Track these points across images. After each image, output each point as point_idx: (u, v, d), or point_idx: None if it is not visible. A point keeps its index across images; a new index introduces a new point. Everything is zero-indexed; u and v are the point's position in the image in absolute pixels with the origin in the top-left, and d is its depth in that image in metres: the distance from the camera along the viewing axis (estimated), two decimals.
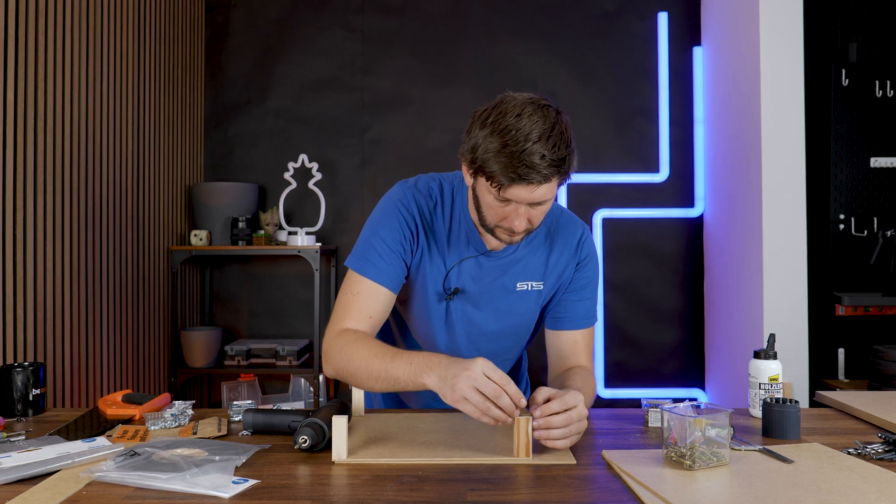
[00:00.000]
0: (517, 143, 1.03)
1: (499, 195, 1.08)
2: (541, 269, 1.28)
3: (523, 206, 1.09)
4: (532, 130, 1.03)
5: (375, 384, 1.12)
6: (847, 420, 1.26)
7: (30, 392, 1.28)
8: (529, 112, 1.05)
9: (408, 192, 1.25)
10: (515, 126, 1.04)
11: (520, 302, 1.28)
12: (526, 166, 1.03)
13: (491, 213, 1.13)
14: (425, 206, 1.25)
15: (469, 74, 3.10)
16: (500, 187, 1.07)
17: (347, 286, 1.22)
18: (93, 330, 2.20)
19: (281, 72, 3.13)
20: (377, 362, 1.11)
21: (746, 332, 2.59)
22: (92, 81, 2.21)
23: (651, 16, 3.08)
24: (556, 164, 1.04)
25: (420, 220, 1.24)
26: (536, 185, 1.05)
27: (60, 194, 2.04)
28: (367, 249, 1.22)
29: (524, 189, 1.06)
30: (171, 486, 0.88)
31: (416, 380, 1.06)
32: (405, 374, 1.07)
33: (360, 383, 1.15)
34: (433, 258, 1.25)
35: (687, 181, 3.07)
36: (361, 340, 1.15)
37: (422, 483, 0.91)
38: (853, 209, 2.55)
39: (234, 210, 2.85)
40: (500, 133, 1.04)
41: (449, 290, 1.26)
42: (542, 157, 1.03)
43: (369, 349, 1.13)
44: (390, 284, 1.21)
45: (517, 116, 1.05)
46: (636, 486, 0.89)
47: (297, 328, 3.13)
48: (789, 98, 2.43)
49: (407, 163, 3.11)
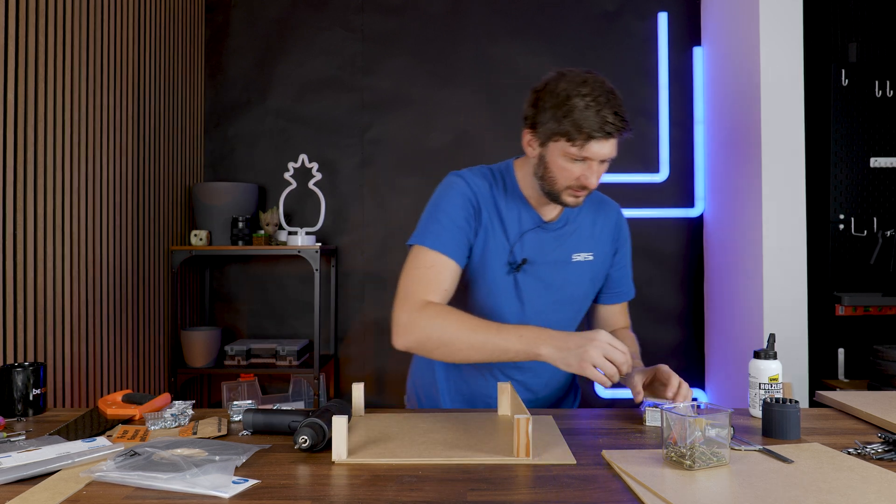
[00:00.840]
0: (595, 105, 1.19)
1: (579, 153, 1.22)
2: (589, 240, 1.41)
3: (596, 163, 1.24)
4: (601, 94, 1.21)
5: (476, 354, 1.19)
6: (847, 420, 1.26)
7: (30, 392, 1.28)
8: (592, 80, 1.23)
9: (463, 175, 1.36)
10: (588, 91, 1.21)
11: (577, 272, 1.39)
12: (606, 122, 1.19)
13: (564, 174, 1.26)
14: (481, 185, 1.35)
15: (469, 74, 3.10)
16: (582, 145, 1.21)
17: (417, 261, 1.29)
18: (93, 330, 2.20)
19: (281, 72, 3.13)
20: (481, 334, 1.18)
21: (746, 332, 2.59)
22: (92, 81, 2.21)
23: (651, 16, 3.08)
24: (624, 120, 1.22)
25: (478, 198, 1.33)
26: (613, 138, 1.22)
27: (60, 194, 2.04)
28: (434, 224, 1.30)
29: (601, 144, 1.21)
30: (171, 486, 0.88)
31: (529, 351, 1.15)
32: (516, 346, 1.16)
33: (453, 354, 1.20)
34: (496, 233, 1.34)
35: (687, 181, 3.07)
36: (455, 312, 1.22)
37: (422, 483, 0.91)
38: (853, 209, 2.55)
39: (234, 210, 2.85)
40: (575, 98, 1.20)
41: (516, 263, 1.34)
42: (615, 113, 1.20)
43: (467, 321, 1.20)
44: (458, 258, 1.30)
45: (583, 84, 1.22)
46: (636, 486, 0.89)
47: (297, 328, 3.13)
48: (789, 98, 2.43)
49: (407, 163, 3.11)
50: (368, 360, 3.12)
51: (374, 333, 3.11)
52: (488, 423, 1.21)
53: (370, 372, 3.11)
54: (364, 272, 3.12)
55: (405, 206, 3.11)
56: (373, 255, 3.11)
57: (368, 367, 3.12)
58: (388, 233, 3.11)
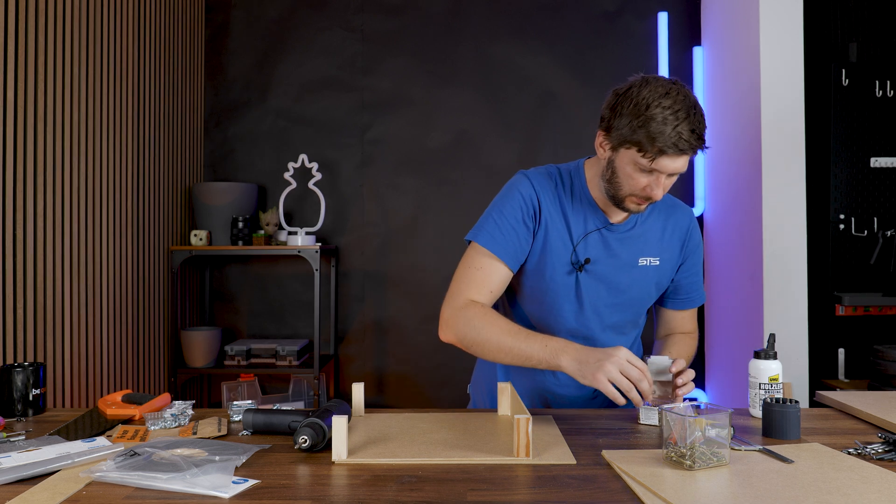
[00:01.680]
0: (672, 121, 1.16)
1: (648, 165, 1.20)
2: (657, 245, 1.39)
3: (664, 176, 1.22)
4: (681, 108, 1.17)
5: (504, 357, 1.24)
6: (847, 420, 1.26)
7: (30, 392, 1.28)
8: (676, 92, 1.19)
9: (529, 174, 1.37)
10: (669, 104, 1.17)
11: (642, 276, 1.38)
12: (681, 139, 1.16)
13: (630, 182, 1.24)
14: (546, 184, 1.36)
15: (469, 74, 3.10)
16: (653, 158, 1.18)
17: (469, 260, 1.33)
18: (93, 330, 2.20)
19: (281, 72, 3.13)
20: (510, 339, 1.22)
21: (746, 332, 2.59)
22: (92, 81, 2.21)
23: (651, 16, 3.08)
24: (701, 139, 1.19)
25: (540, 198, 1.34)
26: (685, 156, 1.19)
27: (60, 194, 2.04)
28: (489, 223, 1.33)
29: (672, 160, 1.19)
30: (171, 486, 0.88)
31: (551, 361, 1.19)
32: (539, 354, 1.20)
33: (485, 354, 1.26)
34: (559, 232, 1.34)
35: (687, 181, 3.07)
36: (492, 315, 1.27)
37: (422, 483, 0.91)
38: (853, 209, 2.55)
39: (234, 210, 2.85)
40: (654, 109, 1.17)
41: (578, 263, 1.34)
42: (692, 131, 1.17)
43: (501, 325, 1.25)
44: (510, 261, 1.32)
45: (665, 95, 1.18)
46: (636, 486, 0.89)
47: (297, 328, 3.13)
48: (789, 98, 2.43)
49: (407, 163, 3.11)
50: (368, 360, 3.12)
51: (374, 333, 3.11)
52: (488, 423, 1.21)
53: (370, 372, 3.11)
54: (364, 272, 3.12)
55: (405, 206, 3.11)
56: (373, 255, 3.11)
57: (368, 367, 3.12)
58: (388, 233, 3.11)
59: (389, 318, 3.10)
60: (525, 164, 1.62)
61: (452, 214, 3.07)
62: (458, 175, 3.09)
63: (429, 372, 3.09)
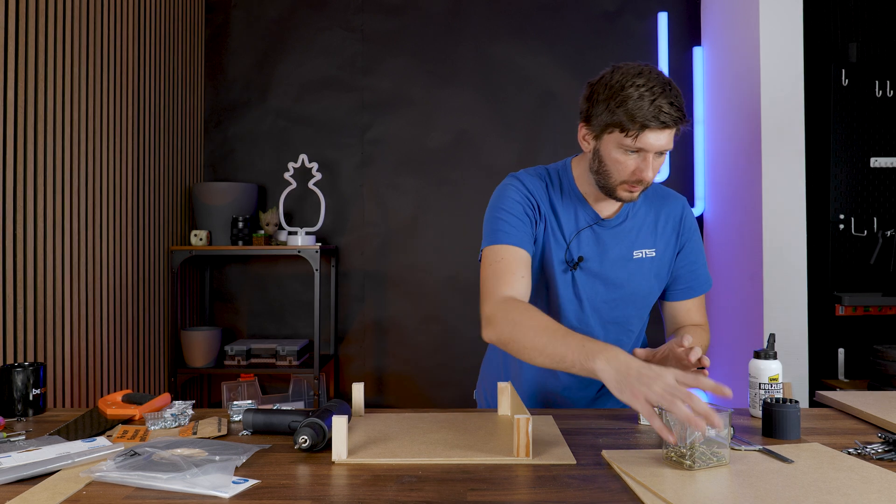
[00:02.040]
0: (649, 95, 1.18)
1: (633, 144, 1.20)
2: (651, 236, 1.38)
3: (651, 155, 1.22)
4: (656, 84, 1.19)
5: (538, 358, 1.14)
6: (847, 420, 1.25)
7: (30, 392, 1.28)
8: (648, 71, 1.21)
9: (518, 175, 1.39)
10: (643, 82, 1.19)
11: (639, 269, 1.37)
12: (661, 111, 1.18)
13: (618, 168, 1.24)
14: (538, 183, 1.37)
15: (469, 74, 3.10)
16: (636, 136, 1.19)
17: (488, 259, 1.30)
18: (93, 330, 2.20)
19: (281, 72, 3.13)
20: (544, 337, 1.13)
21: (746, 332, 2.59)
22: (92, 81, 2.21)
23: (651, 16, 3.08)
24: (680, 111, 1.20)
25: (535, 195, 1.35)
26: (668, 129, 1.20)
27: (60, 194, 2.04)
28: (496, 223, 1.32)
29: (656, 134, 1.19)
30: (171, 486, 0.88)
31: (585, 364, 1.05)
32: (574, 355, 1.07)
33: (521, 352, 1.17)
34: (553, 232, 1.35)
35: (687, 181, 3.07)
36: (531, 311, 1.20)
37: (422, 483, 0.91)
38: (853, 209, 2.55)
39: (234, 210, 2.85)
40: (630, 89, 1.19)
41: (572, 261, 1.34)
42: (670, 103, 1.18)
43: (539, 322, 1.16)
44: (526, 246, 1.31)
45: (639, 75, 1.21)
46: (636, 486, 0.89)
47: (297, 328, 3.13)
48: (789, 98, 2.43)
49: (407, 163, 3.11)
50: (368, 360, 3.12)
51: (374, 333, 3.11)
52: (488, 423, 1.21)
53: (370, 372, 3.11)
54: (364, 272, 3.12)
55: (405, 206, 3.11)
56: (373, 255, 3.11)
57: (368, 367, 3.12)
58: (388, 233, 3.11)
59: (389, 318, 3.10)
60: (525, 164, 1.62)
61: (452, 214, 3.07)
62: (458, 175, 3.09)
63: (429, 372, 3.09)
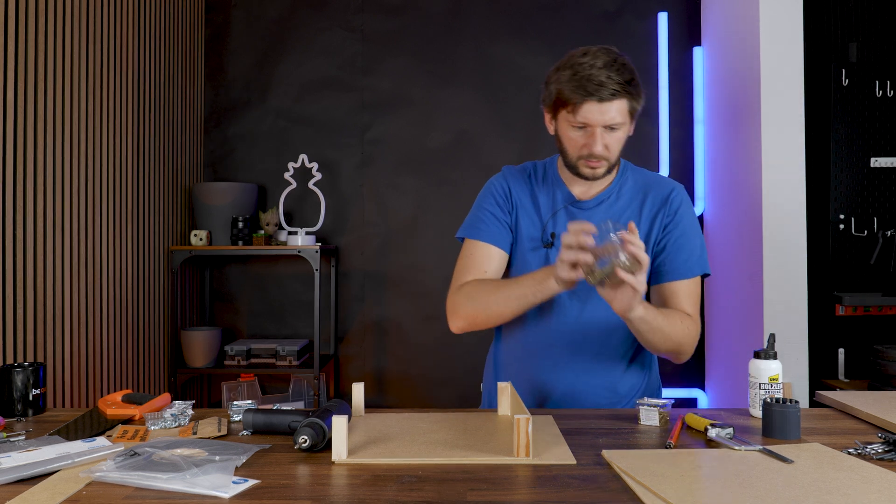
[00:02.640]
0: (585, 69, 1.23)
1: (575, 119, 1.26)
2: (635, 218, 1.39)
3: (599, 129, 1.26)
4: (597, 60, 1.24)
5: (504, 310, 1.30)
6: (847, 420, 1.25)
7: (30, 392, 1.28)
8: (595, 51, 1.27)
9: (504, 168, 1.49)
10: (583, 59, 1.25)
11: None
12: (595, 84, 1.22)
13: (571, 144, 1.31)
14: (519, 175, 1.46)
15: (469, 74, 3.10)
16: (575, 108, 1.25)
17: (461, 254, 1.43)
18: (93, 330, 2.20)
19: (281, 72, 3.13)
20: (499, 292, 1.30)
21: (746, 332, 2.59)
22: (92, 81, 2.21)
23: (651, 16, 3.08)
24: (620, 84, 1.23)
25: (511, 185, 1.44)
26: (607, 101, 1.23)
27: (60, 194, 2.04)
28: (471, 218, 1.44)
29: (596, 107, 1.24)
30: (171, 486, 0.88)
31: (541, 286, 1.24)
32: (530, 287, 1.25)
33: (490, 315, 1.32)
34: (530, 214, 1.42)
35: (687, 181, 3.07)
36: (481, 282, 1.35)
37: (422, 483, 0.91)
38: (853, 209, 2.55)
39: (234, 210, 2.85)
40: (571, 66, 1.26)
41: (547, 240, 1.40)
42: (608, 76, 1.22)
43: (491, 284, 1.33)
44: (498, 242, 1.40)
45: (584, 54, 1.26)
46: (636, 486, 0.89)
47: (297, 328, 3.13)
48: (789, 98, 2.43)
49: (407, 163, 3.11)
50: (368, 360, 3.12)
51: (374, 333, 3.11)
52: (488, 423, 1.21)
53: (370, 372, 3.11)
54: (364, 272, 3.12)
55: (405, 206, 3.11)
56: (373, 255, 3.11)
57: (368, 367, 3.12)
58: (388, 233, 3.11)
59: (389, 318, 3.10)
60: None
61: (452, 214, 3.07)
62: (458, 175, 3.09)
63: (429, 372, 3.09)
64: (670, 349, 1.33)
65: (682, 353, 1.35)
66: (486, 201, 1.44)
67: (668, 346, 1.32)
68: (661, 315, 1.28)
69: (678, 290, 1.37)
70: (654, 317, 1.25)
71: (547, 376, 1.42)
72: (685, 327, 1.32)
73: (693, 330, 1.34)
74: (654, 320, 1.25)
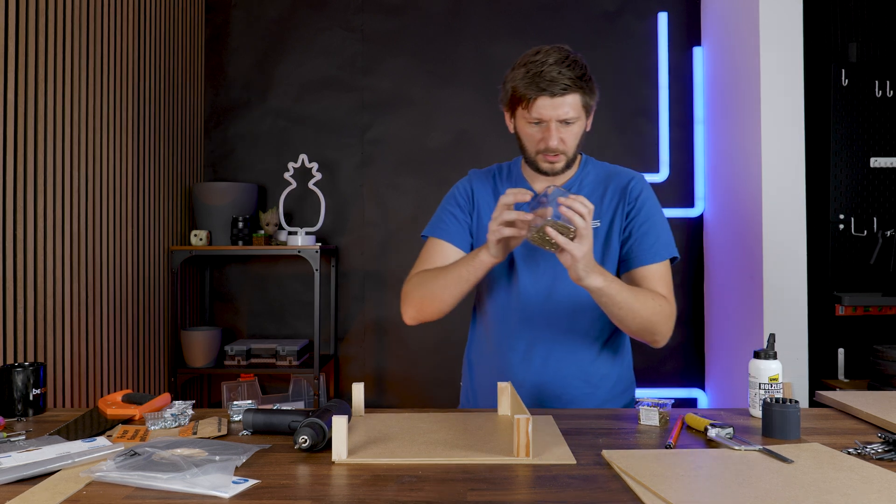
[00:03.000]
0: (537, 66, 1.27)
1: (530, 115, 1.30)
2: (596, 209, 1.40)
3: (554, 123, 1.30)
4: (549, 58, 1.28)
5: (445, 291, 1.33)
6: (847, 420, 1.26)
7: (30, 392, 1.28)
8: (547, 49, 1.31)
9: (469, 172, 1.55)
10: (536, 58, 1.29)
11: None
12: (547, 80, 1.26)
13: (528, 140, 1.35)
14: (483, 177, 1.51)
15: (469, 74, 3.10)
16: (529, 105, 1.29)
17: (421, 251, 1.48)
18: (93, 330, 2.20)
19: (281, 72, 3.13)
20: (442, 274, 1.34)
21: (746, 332, 2.59)
22: (92, 81, 2.21)
23: (651, 16, 3.08)
24: (572, 79, 1.27)
25: (475, 186, 1.49)
26: (559, 96, 1.27)
27: (60, 194, 2.04)
28: (434, 218, 1.50)
29: (549, 102, 1.28)
30: (171, 486, 0.88)
31: (474, 262, 1.28)
32: (467, 264, 1.29)
33: (434, 300, 1.35)
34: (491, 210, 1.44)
35: (687, 181, 3.07)
36: (426, 271, 1.40)
37: (422, 483, 0.91)
38: (853, 209, 2.55)
39: (234, 210, 2.85)
40: (524, 65, 1.30)
41: None
42: (559, 72, 1.26)
43: (434, 271, 1.37)
44: (455, 241, 1.44)
45: (537, 53, 1.30)
46: (636, 486, 0.89)
47: (297, 328, 3.13)
48: (789, 98, 2.43)
49: (407, 163, 3.11)
50: (368, 360, 3.12)
51: (374, 333, 3.11)
52: (488, 423, 1.21)
53: (370, 372, 3.11)
54: (364, 272, 3.12)
55: (405, 206, 3.11)
56: (373, 255, 3.11)
57: (368, 367, 3.12)
58: (388, 233, 3.11)
59: (389, 318, 3.10)
60: None
61: None
62: (458, 175, 3.03)
63: (429, 372, 3.09)
64: (642, 326, 1.30)
65: (656, 333, 1.33)
66: (449, 202, 1.50)
67: (639, 324, 1.29)
68: (629, 290, 1.27)
69: (649, 274, 1.37)
70: (617, 290, 1.24)
71: (516, 369, 1.42)
72: (657, 304, 1.31)
73: (667, 309, 1.33)
74: (619, 294, 1.24)
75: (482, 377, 1.50)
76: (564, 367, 1.41)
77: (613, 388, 1.45)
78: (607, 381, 1.44)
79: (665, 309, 1.32)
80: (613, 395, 1.45)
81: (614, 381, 1.46)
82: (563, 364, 1.41)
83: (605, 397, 1.44)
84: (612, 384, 1.45)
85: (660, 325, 1.31)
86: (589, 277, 1.20)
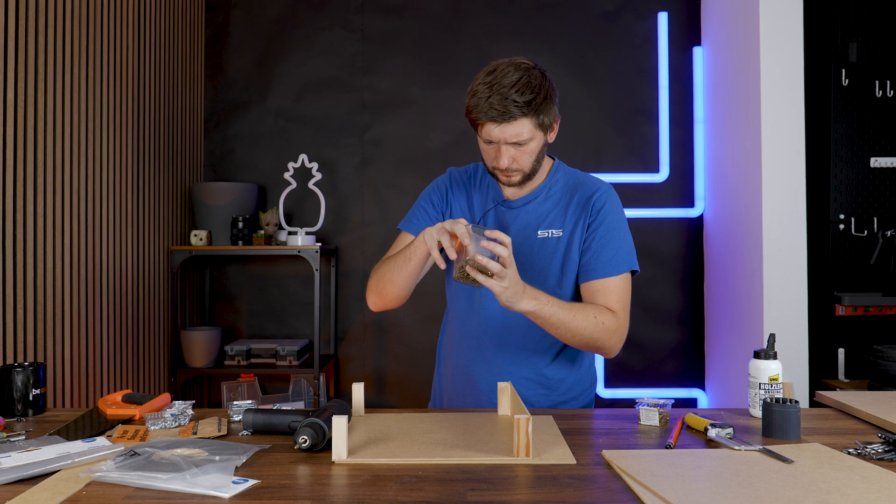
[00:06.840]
0: (484, 92, 1.27)
1: (481, 136, 1.32)
2: (561, 218, 1.42)
3: (504, 146, 1.31)
4: (500, 80, 1.27)
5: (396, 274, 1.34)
6: (847, 420, 1.26)
7: (30, 392, 1.28)
8: (503, 67, 1.30)
9: (448, 170, 1.55)
10: (487, 79, 1.29)
11: (542, 248, 1.42)
12: (492, 108, 1.26)
13: (486, 157, 1.37)
14: (459, 176, 1.52)
15: (469, 74, 3.05)
16: (479, 128, 1.31)
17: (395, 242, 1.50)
18: (93, 330, 2.20)
19: (281, 72, 3.13)
20: (390, 263, 1.37)
21: (746, 332, 2.59)
22: (92, 81, 2.21)
23: (651, 16, 3.08)
24: (519, 106, 1.26)
25: (451, 184, 1.51)
26: (505, 123, 1.27)
27: (60, 194, 2.04)
28: (409, 213, 1.52)
29: (496, 127, 1.28)
30: (171, 486, 0.88)
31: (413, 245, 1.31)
32: (407, 249, 1.32)
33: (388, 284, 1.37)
34: (464, 213, 1.48)
35: (687, 181, 3.07)
36: (386, 259, 1.41)
37: (422, 483, 0.91)
38: (853, 209, 2.55)
39: (234, 210, 2.85)
40: (475, 89, 1.30)
41: None
42: (507, 99, 1.25)
43: (387, 259, 1.40)
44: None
45: (491, 73, 1.30)
46: (636, 486, 0.89)
47: (297, 328, 3.13)
48: (789, 98, 2.43)
49: (407, 163, 3.11)
50: (368, 360, 3.12)
51: (374, 333, 3.11)
52: (488, 423, 1.21)
53: (370, 372, 3.11)
54: (364, 272, 3.12)
55: (405, 206, 3.10)
56: (373, 255, 3.11)
57: (368, 367, 3.12)
58: (388, 233, 3.11)
59: (389, 318, 3.10)
60: None
61: None
62: None
63: (429, 372, 3.07)
64: (583, 342, 1.32)
65: (601, 348, 1.34)
66: (424, 199, 1.52)
67: (579, 340, 1.31)
68: (567, 309, 1.27)
69: (603, 287, 1.37)
70: (552, 312, 1.25)
71: (476, 367, 1.46)
72: (599, 321, 1.30)
73: (612, 324, 1.32)
74: (554, 315, 1.25)
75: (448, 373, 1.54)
76: (517, 370, 1.44)
77: (569, 391, 1.48)
78: (563, 384, 1.46)
79: (610, 325, 1.32)
80: (569, 398, 1.48)
81: (570, 384, 1.48)
82: (516, 368, 1.44)
83: (559, 399, 1.47)
84: (567, 387, 1.47)
85: (603, 340, 1.32)
86: (519, 303, 1.21)
